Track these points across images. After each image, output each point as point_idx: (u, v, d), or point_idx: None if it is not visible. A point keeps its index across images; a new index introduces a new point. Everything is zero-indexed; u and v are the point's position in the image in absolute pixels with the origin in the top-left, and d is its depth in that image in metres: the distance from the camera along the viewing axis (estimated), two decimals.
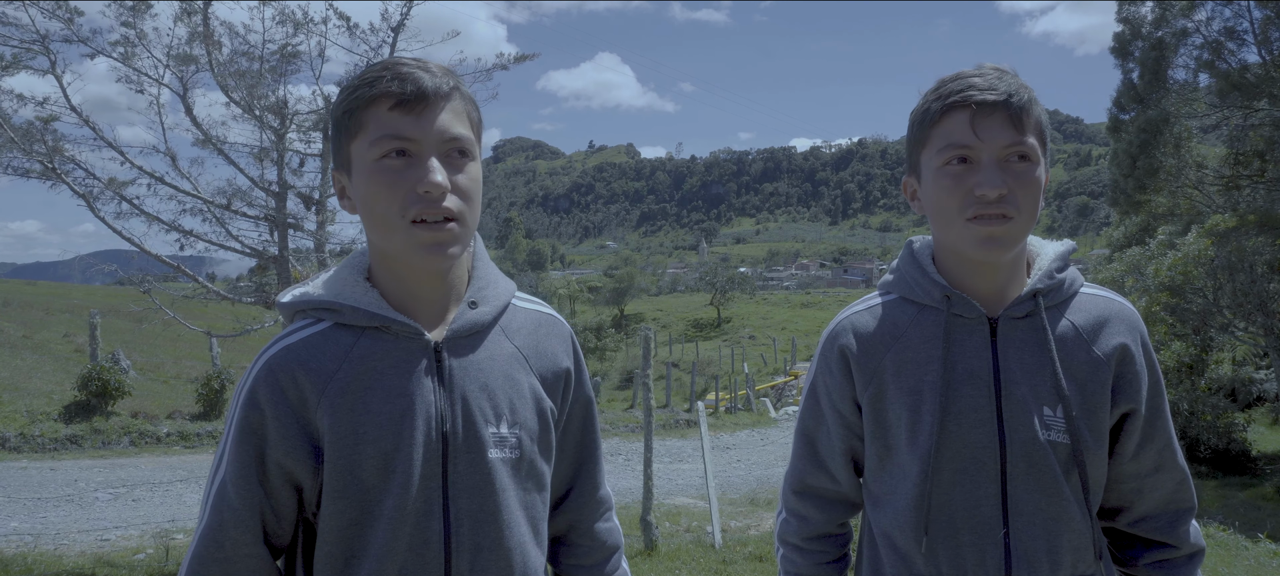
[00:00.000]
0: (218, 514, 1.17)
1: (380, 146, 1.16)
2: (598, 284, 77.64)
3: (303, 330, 1.23)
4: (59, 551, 6.52)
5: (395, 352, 1.21)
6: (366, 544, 1.18)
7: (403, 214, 1.16)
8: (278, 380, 1.18)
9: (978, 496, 1.31)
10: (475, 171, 1.22)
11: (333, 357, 1.20)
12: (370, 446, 1.17)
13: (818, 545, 1.51)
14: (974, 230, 1.27)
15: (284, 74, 6.11)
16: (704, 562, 6.34)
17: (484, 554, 1.21)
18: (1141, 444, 1.38)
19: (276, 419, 1.17)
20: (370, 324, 1.21)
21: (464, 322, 1.25)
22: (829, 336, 1.46)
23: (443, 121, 1.17)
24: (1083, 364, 1.33)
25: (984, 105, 1.25)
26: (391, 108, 1.16)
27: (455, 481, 1.21)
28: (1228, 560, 7.39)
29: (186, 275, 6.26)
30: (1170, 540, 1.41)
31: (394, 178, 1.16)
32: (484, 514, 1.22)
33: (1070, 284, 1.38)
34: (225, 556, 1.17)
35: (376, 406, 1.19)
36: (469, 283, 1.30)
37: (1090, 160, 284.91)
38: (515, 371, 1.28)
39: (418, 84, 1.16)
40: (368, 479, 1.18)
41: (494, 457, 1.23)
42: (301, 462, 1.18)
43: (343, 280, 1.25)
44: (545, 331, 1.35)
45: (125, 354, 14.57)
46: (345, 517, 1.18)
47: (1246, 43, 14.27)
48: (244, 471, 1.17)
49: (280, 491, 1.20)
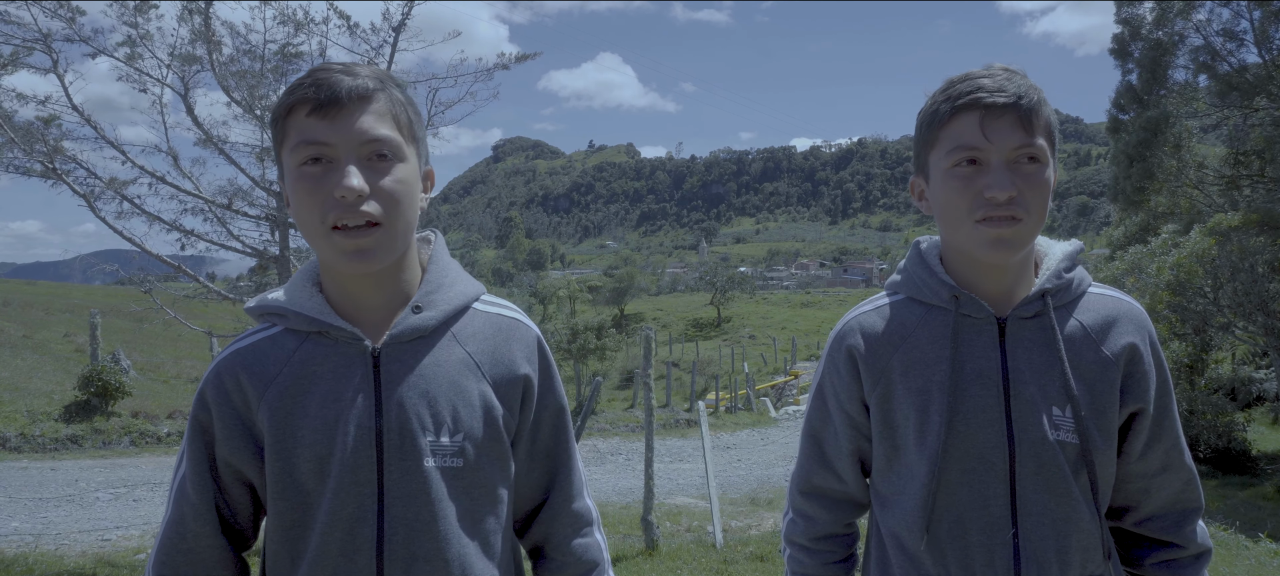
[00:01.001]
0: (179, 507, 1.23)
1: (299, 153, 1.16)
2: (598, 284, 77.60)
3: (255, 334, 1.27)
4: (60, 551, 6.52)
5: (334, 357, 1.22)
6: (305, 546, 1.20)
7: (323, 220, 1.15)
8: (223, 382, 1.23)
9: (986, 496, 1.31)
10: (403, 173, 1.19)
11: (275, 361, 1.22)
12: (306, 449, 1.19)
13: (825, 545, 1.51)
14: (983, 232, 1.26)
15: (285, 74, 6.10)
16: (705, 562, 6.34)
17: (419, 564, 1.19)
18: (1149, 443, 1.37)
19: (221, 419, 1.22)
20: (312, 329, 1.23)
21: (405, 327, 1.23)
22: (836, 336, 1.45)
23: (362, 124, 1.15)
24: (1091, 364, 1.32)
25: (994, 107, 1.25)
26: (309, 113, 1.15)
27: (390, 488, 1.19)
28: (1228, 560, 7.39)
29: (187, 275, 6.25)
30: (1177, 539, 1.41)
31: (312, 184, 1.15)
32: (419, 523, 1.19)
33: (1078, 284, 1.38)
34: (188, 547, 1.23)
35: (313, 410, 1.20)
36: (421, 285, 1.28)
37: (1090, 160, 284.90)
38: (463, 378, 1.24)
39: (333, 88, 1.14)
40: (305, 482, 1.19)
41: (430, 466, 1.20)
42: (247, 462, 1.22)
43: (296, 285, 1.26)
44: (505, 336, 1.30)
45: (126, 354, 14.58)
46: (286, 519, 1.20)
47: (1245, 43, 14.28)
48: (198, 467, 1.23)
49: (232, 487, 1.25)
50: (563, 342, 27.51)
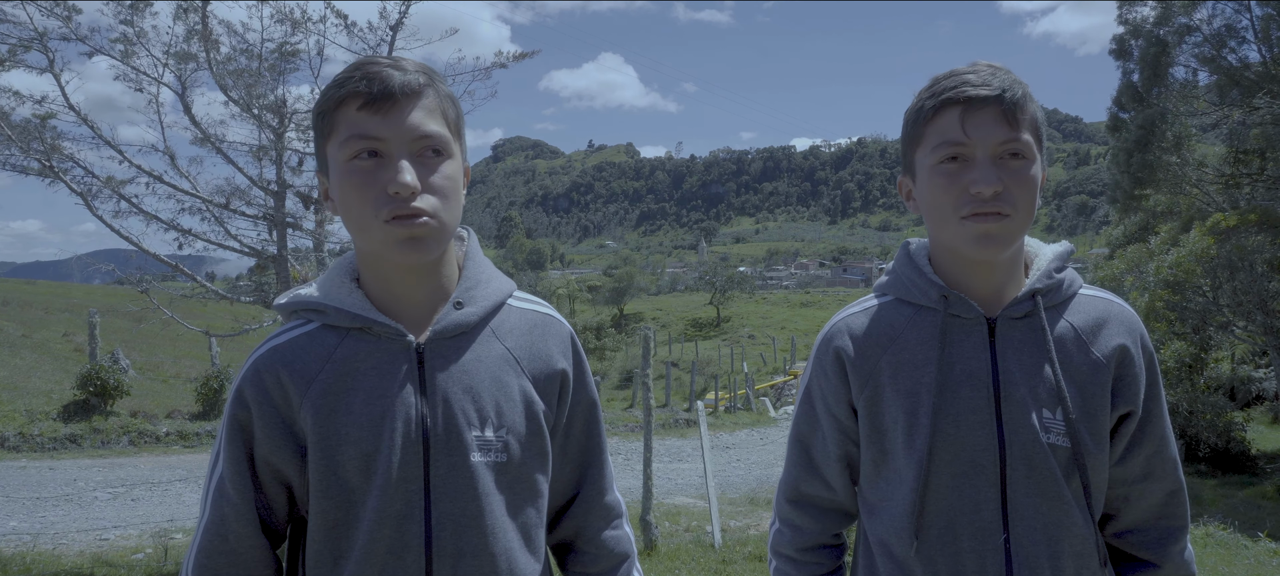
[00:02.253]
0: (218, 508, 1.21)
1: (350, 147, 1.15)
2: (597, 283, 77.64)
3: (292, 331, 1.24)
4: (58, 551, 6.51)
5: (377, 354, 1.21)
6: (351, 544, 1.19)
7: (377, 214, 1.15)
8: (263, 380, 1.20)
9: (977, 500, 1.28)
10: (451, 169, 1.20)
11: (316, 358, 1.20)
12: (351, 447, 1.18)
13: (812, 557, 1.47)
14: (969, 228, 1.24)
15: (282, 72, 6.08)
16: (704, 562, 6.33)
17: (466, 559, 1.19)
18: (1130, 447, 1.34)
19: (261, 418, 1.19)
20: (354, 325, 1.21)
21: (448, 323, 1.23)
22: (824, 339, 1.42)
23: (413, 120, 1.16)
24: (1082, 365, 1.30)
25: (977, 102, 1.23)
26: (360, 108, 1.15)
27: (437, 485, 1.19)
28: (1228, 559, 7.38)
29: (185, 274, 6.24)
30: (1156, 559, 1.35)
31: (365, 178, 1.15)
32: (466, 518, 1.19)
33: (1069, 285, 1.35)
34: (230, 548, 1.21)
35: (357, 407, 1.19)
36: (460, 282, 1.29)
37: (1089, 160, 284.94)
38: (504, 373, 1.25)
39: (385, 83, 1.14)
40: (350, 479, 1.18)
41: (477, 461, 1.21)
42: (288, 461, 1.20)
43: (332, 281, 1.25)
44: (540, 332, 1.32)
45: (124, 353, 14.56)
46: (330, 517, 1.19)
47: (1247, 40, 14.28)
48: (237, 467, 1.20)
49: (271, 486, 1.22)
50: None
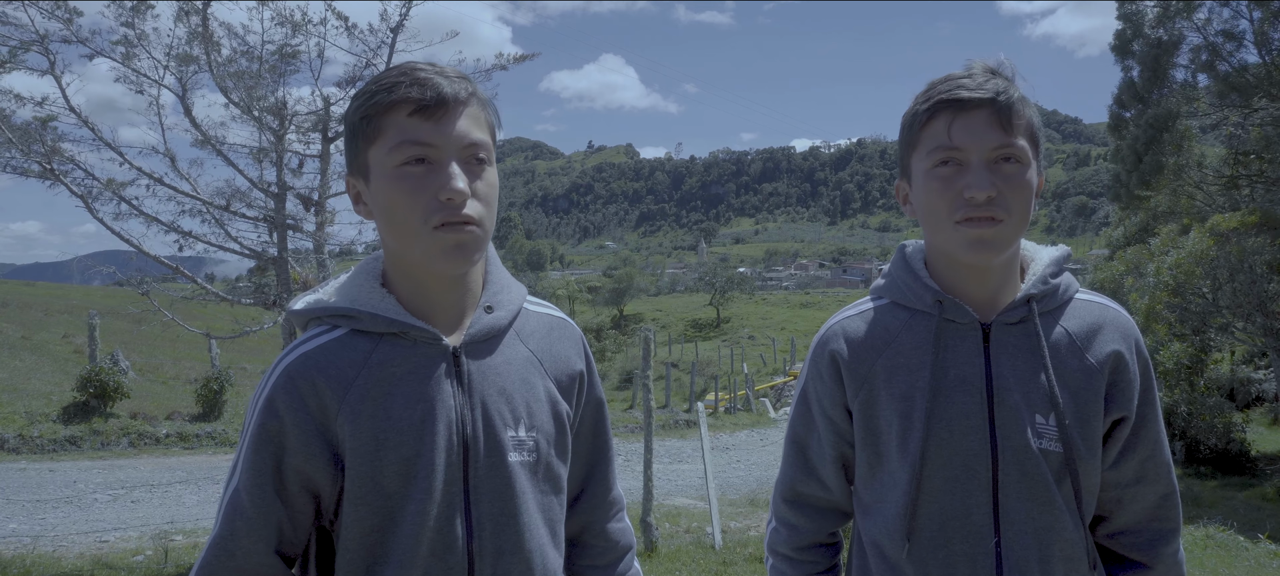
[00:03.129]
0: (230, 522, 1.16)
1: (401, 153, 1.15)
2: (597, 284, 77.66)
3: (319, 337, 1.22)
4: (57, 553, 6.51)
5: (414, 358, 1.21)
6: (388, 550, 1.18)
7: (426, 221, 1.15)
8: (297, 387, 1.16)
9: (969, 504, 1.29)
10: (493, 177, 1.22)
11: (351, 364, 1.19)
12: (392, 452, 1.17)
13: (808, 555, 1.49)
14: (963, 232, 1.25)
15: (283, 75, 6.09)
16: (704, 563, 6.33)
17: (505, 558, 1.22)
18: (1124, 451, 1.35)
19: (296, 426, 1.16)
20: (388, 330, 1.20)
21: (481, 327, 1.25)
22: (820, 342, 1.43)
23: (462, 127, 1.17)
24: (1076, 371, 1.30)
25: (971, 106, 1.24)
26: (411, 113, 1.15)
27: (477, 485, 1.21)
28: (1228, 560, 7.39)
29: (185, 276, 6.25)
30: (1147, 560, 1.37)
31: (415, 184, 1.15)
32: (505, 517, 1.22)
33: (1065, 290, 1.36)
34: (236, 565, 1.15)
35: (397, 412, 1.18)
36: (484, 287, 1.30)
37: (1089, 160, 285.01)
38: (531, 375, 1.28)
39: (438, 90, 1.15)
40: (389, 485, 1.17)
41: (514, 461, 1.23)
42: (321, 470, 1.17)
43: (358, 286, 1.24)
44: (558, 334, 1.36)
45: (124, 355, 14.56)
46: (366, 524, 1.17)
47: (1245, 43, 14.29)
48: (259, 480, 1.16)
49: (298, 499, 1.19)
50: None
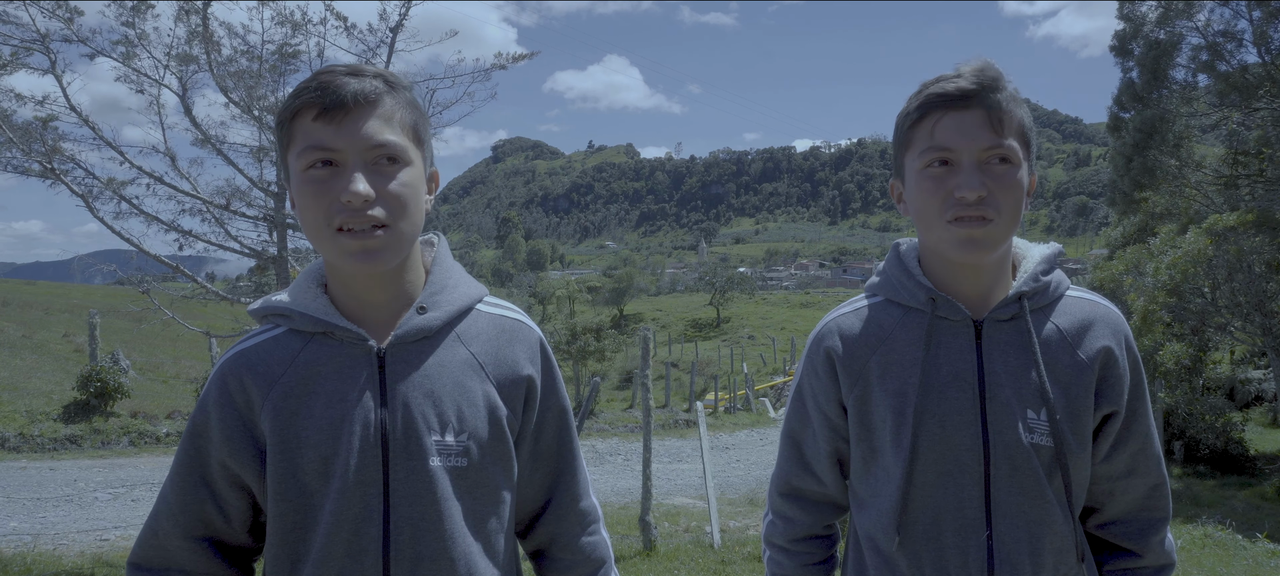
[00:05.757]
0: (155, 511, 1.26)
1: (305, 157, 1.16)
2: (597, 284, 77.66)
3: (259, 335, 1.27)
4: (58, 551, 6.53)
5: (339, 358, 1.22)
6: (308, 548, 1.20)
7: (329, 222, 1.15)
8: (227, 384, 1.22)
9: (961, 498, 1.31)
10: (408, 177, 1.19)
11: (280, 362, 1.22)
12: (310, 450, 1.19)
13: (804, 547, 1.51)
14: (954, 232, 1.26)
15: (283, 74, 6.11)
16: (703, 562, 6.34)
17: (425, 564, 1.20)
18: (1115, 445, 1.37)
19: (221, 421, 1.21)
20: (317, 329, 1.23)
21: (410, 328, 1.24)
22: (815, 338, 1.45)
23: (368, 129, 1.16)
24: (1067, 367, 1.32)
25: (961, 107, 1.25)
26: (314, 118, 1.15)
27: (396, 488, 1.19)
28: (1226, 560, 7.40)
29: (185, 275, 6.26)
30: (1138, 548, 1.39)
31: (319, 188, 1.15)
32: (425, 522, 1.20)
33: (1056, 287, 1.37)
34: (160, 545, 1.25)
35: (318, 410, 1.20)
36: (425, 287, 1.29)
37: (1090, 160, 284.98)
38: (467, 379, 1.25)
39: (337, 92, 1.14)
40: (309, 482, 1.19)
41: (436, 466, 1.21)
42: (246, 465, 1.21)
43: (300, 287, 1.27)
44: (507, 338, 1.31)
45: (125, 354, 14.57)
46: (288, 520, 1.20)
47: (1245, 43, 14.29)
48: (183, 471, 1.24)
49: (226, 492, 1.24)
50: (562, 343, 27.50)
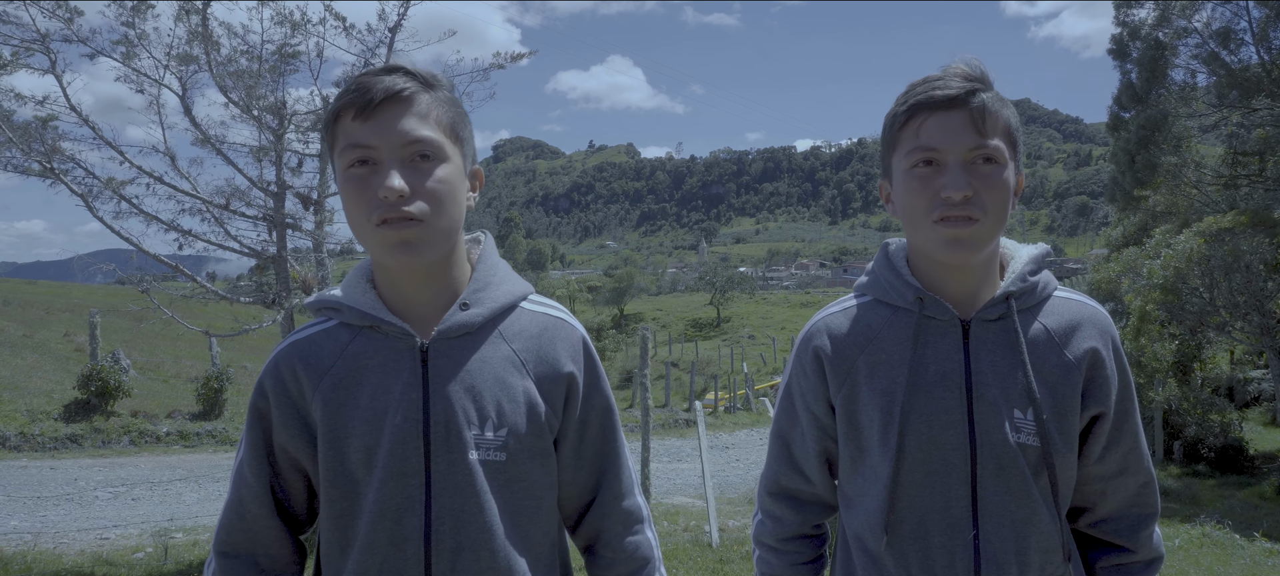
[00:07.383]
0: (237, 490, 1.31)
1: (345, 156, 1.20)
2: (597, 284, 77.60)
3: (312, 327, 1.33)
4: (58, 550, 6.54)
5: (385, 351, 1.27)
6: (354, 534, 1.25)
7: (368, 219, 1.19)
8: (281, 372, 1.28)
9: (948, 498, 1.32)
10: (445, 173, 1.22)
11: (330, 354, 1.28)
12: (356, 439, 1.24)
13: (793, 546, 1.51)
14: (940, 232, 1.28)
15: (282, 74, 6.11)
16: (701, 562, 6.35)
17: (465, 554, 1.23)
18: (1108, 447, 1.38)
19: (278, 407, 1.27)
20: (365, 323, 1.28)
21: (453, 324, 1.27)
22: (804, 338, 1.46)
23: (403, 126, 1.19)
24: (1054, 367, 1.33)
25: (947, 108, 1.27)
26: (353, 117, 1.19)
27: (437, 480, 1.23)
28: (1224, 559, 7.41)
29: (185, 275, 6.27)
30: (1129, 543, 1.41)
31: (359, 186, 1.20)
32: (465, 514, 1.23)
33: (1043, 287, 1.38)
34: (247, 526, 1.30)
35: (363, 402, 1.25)
36: (470, 284, 1.32)
37: (1090, 160, 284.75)
38: (508, 375, 1.28)
39: (370, 92, 1.18)
40: (354, 471, 1.24)
41: (475, 459, 1.24)
42: (302, 449, 1.28)
43: (351, 282, 1.32)
44: (550, 335, 1.33)
45: (125, 353, 14.57)
46: (337, 506, 1.25)
47: (1245, 43, 14.30)
48: (254, 452, 1.30)
49: (287, 472, 1.31)
50: None
